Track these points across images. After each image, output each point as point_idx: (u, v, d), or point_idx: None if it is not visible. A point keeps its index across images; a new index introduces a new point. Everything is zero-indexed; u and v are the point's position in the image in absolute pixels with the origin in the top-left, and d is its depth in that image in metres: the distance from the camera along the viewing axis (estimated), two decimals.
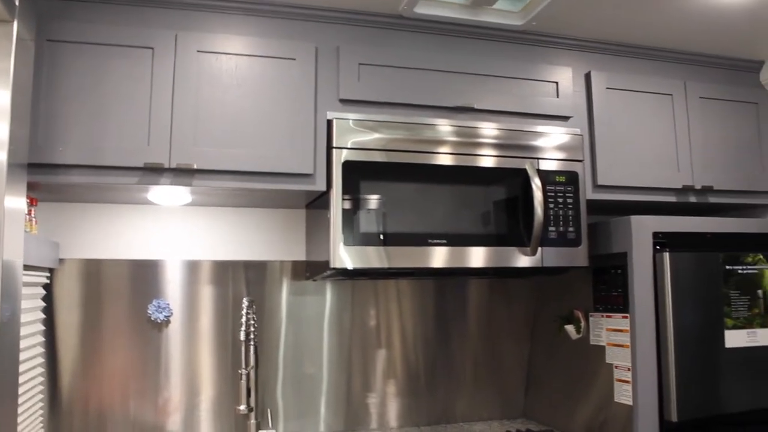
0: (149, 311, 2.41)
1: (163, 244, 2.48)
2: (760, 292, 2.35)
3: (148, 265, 2.44)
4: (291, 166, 2.14)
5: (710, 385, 2.25)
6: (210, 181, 2.09)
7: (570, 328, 2.50)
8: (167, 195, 2.27)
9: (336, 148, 2.12)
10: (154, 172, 2.04)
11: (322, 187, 2.17)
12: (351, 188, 2.11)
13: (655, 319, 2.24)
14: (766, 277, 2.36)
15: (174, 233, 2.50)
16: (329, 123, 2.17)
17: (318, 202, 2.34)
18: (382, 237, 2.12)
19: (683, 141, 2.60)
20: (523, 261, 2.27)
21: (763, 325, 2.34)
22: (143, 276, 2.43)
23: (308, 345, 2.58)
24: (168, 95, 2.06)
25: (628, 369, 2.24)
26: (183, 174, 2.06)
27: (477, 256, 2.22)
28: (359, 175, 2.12)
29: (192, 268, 2.48)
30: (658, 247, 2.26)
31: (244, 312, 2.31)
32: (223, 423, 2.46)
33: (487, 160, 2.28)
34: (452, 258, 2.19)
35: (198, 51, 2.11)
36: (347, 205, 2.10)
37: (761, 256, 2.37)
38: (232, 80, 2.13)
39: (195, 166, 2.05)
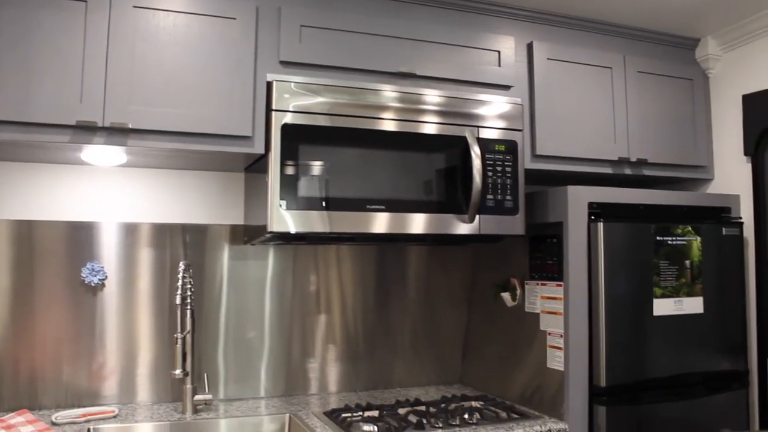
0: (83, 274, 2.36)
1: (98, 206, 2.42)
2: (687, 262, 2.43)
3: (82, 227, 2.38)
4: (229, 128, 2.10)
5: (638, 351, 2.32)
6: (145, 141, 2.04)
7: (506, 296, 2.55)
8: (102, 155, 2.21)
9: (275, 110, 2.10)
10: (87, 130, 1.98)
11: (261, 150, 2.14)
12: (290, 152, 2.09)
13: (588, 288, 2.30)
14: (694, 248, 2.45)
15: (110, 195, 2.44)
16: (269, 85, 2.14)
17: (257, 166, 2.31)
18: (320, 201, 2.11)
19: (620, 114, 2.65)
20: (461, 228, 2.29)
21: (689, 294, 2.42)
22: (77, 238, 2.37)
23: (249, 310, 2.57)
24: (102, 51, 1.99)
25: (561, 336, 2.30)
26: (117, 133, 2.01)
27: (415, 223, 2.23)
28: (299, 138, 2.10)
29: (128, 230, 2.44)
30: (592, 217, 2.31)
31: (180, 276, 2.28)
32: (160, 388, 2.44)
33: (428, 126, 2.28)
34: (391, 224, 2.20)
35: (134, 6, 2.04)
36: (286, 168, 2.08)
37: (690, 228, 2.45)
38: (170, 38, 2.08)
39: (130, 126, 1.99)
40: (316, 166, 2.12)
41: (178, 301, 2.27)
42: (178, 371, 2.27)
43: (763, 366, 2.57)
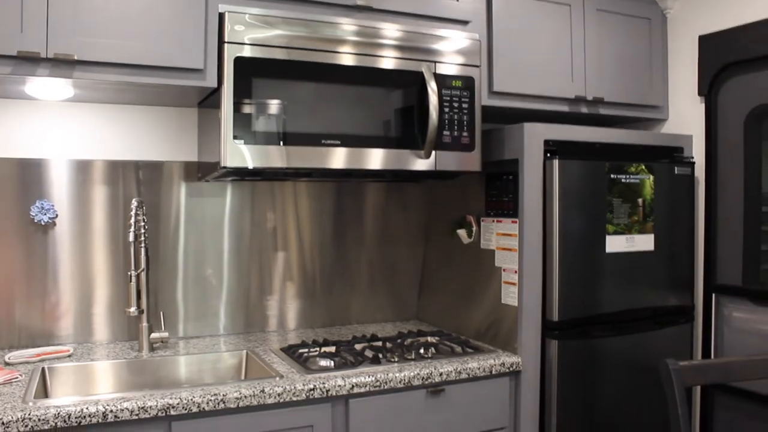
0: (32, 213, 2.30)
1: (47, 143, 2.35)
2: (640, 200, 2.47)
3: (30, 164, 2.31)
4: (179, 60, 2.03)
5: (590, 287, 2.38)
6: (92, 73, 1.96)
7: (462, 233, 2.57)
8: (47, 88, 2.13)
9: (228, 42, 2.03)
10: (29, 61, 1.90)
11: (213, 84, 2.08)
12: (243, 86, 2.04)
13: (543, 225, 2.33)
14: (646, 186, 2.49)
15: (59, 131, 2.36)
16: (221, 16, 2.07)
17: (209, 101, 2.26)
18: (274, 136, 2.08)
19: (578, 52, 2.64)
20: (417, 164, 2.28)
21: (640, 232, 2.47)
22: (25, 176, 2.30)
23: (206, 247, 2.56)
24: None
25: (516, 272, 2.33)
26: (62, 65, 1.93)
27: (371, 158, 2.21)
28: (252, 72, 2.05)
29: (79, 167, 2.38)
30: (548, 155, 2.33)
31: (133, 213, 2.24)
32: (116, 326, 2.43)
33: (385, 61, 2.24)
34: (347, 159, 2.18)
35: None
36: (238, 102, 2.03)
37: (643, 167, 2.48)
38: None
39: (75, 57, 1.92)
40: (271, 101, 2.07)
41: (131, 238, 2.24)
42: (132, 309, 2.26)
43: (708, 302, 2.66)
